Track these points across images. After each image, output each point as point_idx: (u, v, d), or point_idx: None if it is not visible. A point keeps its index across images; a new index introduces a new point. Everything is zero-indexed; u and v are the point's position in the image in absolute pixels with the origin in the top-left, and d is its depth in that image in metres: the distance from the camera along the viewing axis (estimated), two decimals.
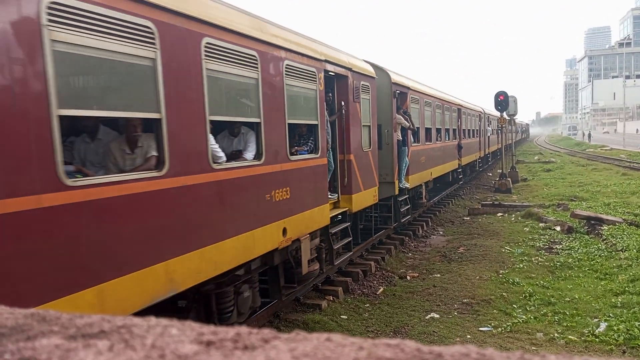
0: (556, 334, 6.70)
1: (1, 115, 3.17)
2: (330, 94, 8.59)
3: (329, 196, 8.25)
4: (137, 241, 4.20)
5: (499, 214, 15.98)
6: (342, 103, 8.82)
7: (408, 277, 9.73)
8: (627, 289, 8.25)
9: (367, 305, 8.27)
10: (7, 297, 3.28)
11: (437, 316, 7.59)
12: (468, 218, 16.06)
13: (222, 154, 5.47)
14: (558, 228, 13.13)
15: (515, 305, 7.87)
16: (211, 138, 5.24)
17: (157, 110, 4.38)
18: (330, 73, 8.25)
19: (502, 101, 21.53)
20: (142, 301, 4.21)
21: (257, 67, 5.93)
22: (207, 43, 5.06)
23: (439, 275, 9.70)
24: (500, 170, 22.88)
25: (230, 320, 5.95)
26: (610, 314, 7.27)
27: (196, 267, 4.87)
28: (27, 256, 3.31)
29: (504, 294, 8.38)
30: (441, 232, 14.15)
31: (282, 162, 6.61)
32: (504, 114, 22.33)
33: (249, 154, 6.07)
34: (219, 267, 5.27)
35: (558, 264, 10.07)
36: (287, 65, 6.67)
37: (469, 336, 6.80)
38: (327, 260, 8.37)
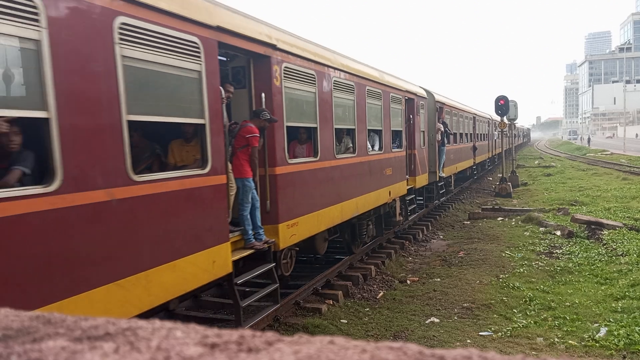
0: (556, 339, 6.69)
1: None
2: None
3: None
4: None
5: (499, 218, 15.98)
6: (411, 116, 13.23)
7: (408, 281, 9.73)
8: (627, 293, 8.25)
9: (367, 309, 8.26)
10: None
11: (437, 320, 7.58)
12: (468, 222, 16.06)
13: (370, 147, 10.28)
14: (558, 232, 13.12)
15: (515, 310, 7.86)
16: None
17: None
18: (405, 97, 12.77)
19: (503, 105, 21.56)
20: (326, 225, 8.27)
21: (380, 98, 10.73)
22: (335, 81, 8.51)
23: (439, 279, 9.70)
24: (501, 175, 22.89)
25: (363, 239, 10.60)
26: (611, 319, 7.27)
27: (354, 207, 9.24)
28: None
29: (504, 298, 8.38)
30: (441, 236, 14.15)
31: (388, 152, 11.24)
32: (505, 118, 22.36)
33: (376, 147, 10.63)
34: (362, 209, 9.72)
35: (558, 268, 10.06)
36: (391, 96, 11.55)
37: (469, 341, 6.79)
38: (403, 216, 12.97)
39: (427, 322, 7.56)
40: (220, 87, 5.61)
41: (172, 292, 4.79)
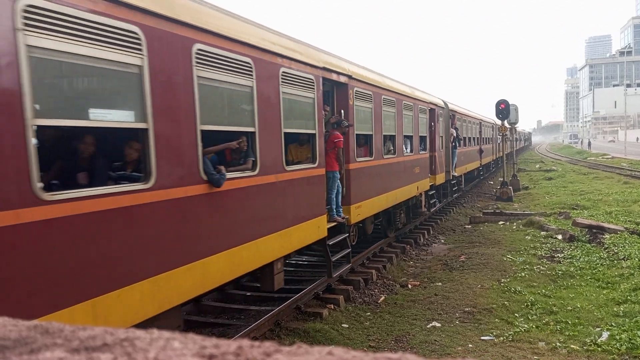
0: (558, 343, 6.67)
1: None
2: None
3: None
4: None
5: (501, 223, 15.96)
6: (432, 123, 15.54)
7: (409, 286, 9.71)
8: (629, 297, 8.22)
9: (369, 313, 8.24)
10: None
11: (439, 325, 7.56)
12: (469, 226, 16.04)
13: (407, 150, 12.88)
14: (560, 236, 13.10)
15: (517, 314, 7.84)
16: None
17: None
18: (429, 108, 15.23)
19: (503, 109, 21.56)
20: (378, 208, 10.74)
21: (412, 109, 13.22)
22: (384, 98, 10.96)
23: (440, 283, 9.67)
24: (502, 179, 22.86)
25: (397, 225, 12.96)
26: (613, 323, 7.24)
27: (394, 197, 11.55)
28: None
29: (505, 302, 8.35)
30: (442, 241, 14.13)
31: (417, 154, 13.68)
32: (505, 122, 22.35)
33: (408, 149, 12.98)
34: (399, 199, 12.04)
35: (560, 272, 10.04)
36: (419, 107, 14.08)
37: (470, 345, 6.77)
38: (427, 207, 15.40)
39: (428, 326, 7.53)
40: None
41: (301, 243, 7.50)
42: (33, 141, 3.34)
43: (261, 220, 6.23)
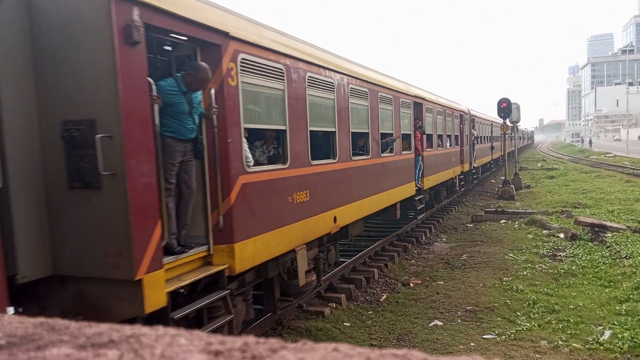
0: (560, 342, 6.66)
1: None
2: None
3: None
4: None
5: (502, 221, 15.94)
6: (461, 125, 20.52)
7: (411, 284, 9.71)
8: (631, 296, 8.21)
9: (370, 312, 8.25)
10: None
11: (441, 323, 7.56)
12: (471, 225, 16.03)
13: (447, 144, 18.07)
14: (562, 235, 13.08)
15: (519, 313, 7.84)
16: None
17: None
18: (459, 114, 20.15)
19: (505, 108, 21.52)
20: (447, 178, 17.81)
21: (451, 116, 18.43)
22: (438, 111, 16.37)
23: (442, 282, 9.67)
24: (504, 177, 22.83)
25: (441, 199, 18.51)
26: (615, 322, 7.23)
27: (443, 177, 17.10)
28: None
29: (507, 301, 8.35)
30: (444, 239, 14.13)
31: (453, 147, 18.68)
32: (507, 120, 22.31)
33: (448, 145, 18.05)
34: (446, 178, 17.61)
35: (562, 271, 10.02)
36: (454, 114, 19.14)
37: (472, 344, 6.77)
38: (450, 192, 19.78)
39: (430, 325, 7.54)
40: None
41: (404, 196, 12.23)
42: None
43: (390, 180, 11.04)
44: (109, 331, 0.83)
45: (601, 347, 6.41)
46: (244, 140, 5.74)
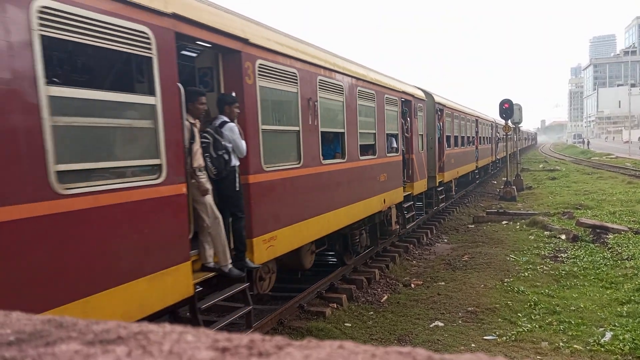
0: (561, 343, 6.67)
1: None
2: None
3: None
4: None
5: (504, 222, 15.94)
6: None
7: (412, 285, 9.71)
8: (632, 298, 8.21)
9: (371, 313, 8.25)
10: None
11: (442, 324, 7.56)
12: (473, 226, 16.03)
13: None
14: (563, 236, 13.08)
15: (520, 314, 7.84)
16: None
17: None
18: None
19: (507, 109, 21.52)
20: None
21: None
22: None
23: (443, 283, 9.68)
24: (505, 178, 22.83)
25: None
26: (616, 323, 7.23)
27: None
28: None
29: (508, 302, 8.35)
30: (446, 240, 14.13)
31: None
32: (509, 121, 22.31)
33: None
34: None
35: (563, 272, 10.02)
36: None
37: (473, 345, 6.77)
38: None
39: (431, 326, 7.54)
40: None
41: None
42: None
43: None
44: (116, 328, 0.84)
45: (602, 349, 6.42)
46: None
